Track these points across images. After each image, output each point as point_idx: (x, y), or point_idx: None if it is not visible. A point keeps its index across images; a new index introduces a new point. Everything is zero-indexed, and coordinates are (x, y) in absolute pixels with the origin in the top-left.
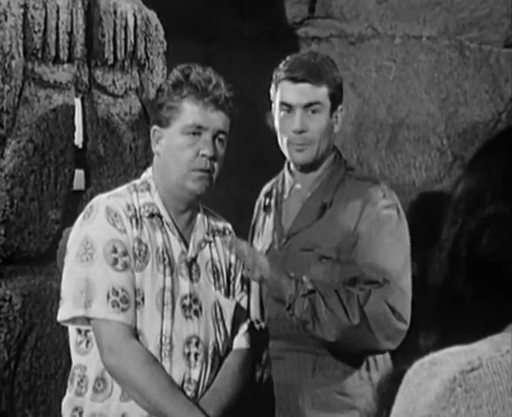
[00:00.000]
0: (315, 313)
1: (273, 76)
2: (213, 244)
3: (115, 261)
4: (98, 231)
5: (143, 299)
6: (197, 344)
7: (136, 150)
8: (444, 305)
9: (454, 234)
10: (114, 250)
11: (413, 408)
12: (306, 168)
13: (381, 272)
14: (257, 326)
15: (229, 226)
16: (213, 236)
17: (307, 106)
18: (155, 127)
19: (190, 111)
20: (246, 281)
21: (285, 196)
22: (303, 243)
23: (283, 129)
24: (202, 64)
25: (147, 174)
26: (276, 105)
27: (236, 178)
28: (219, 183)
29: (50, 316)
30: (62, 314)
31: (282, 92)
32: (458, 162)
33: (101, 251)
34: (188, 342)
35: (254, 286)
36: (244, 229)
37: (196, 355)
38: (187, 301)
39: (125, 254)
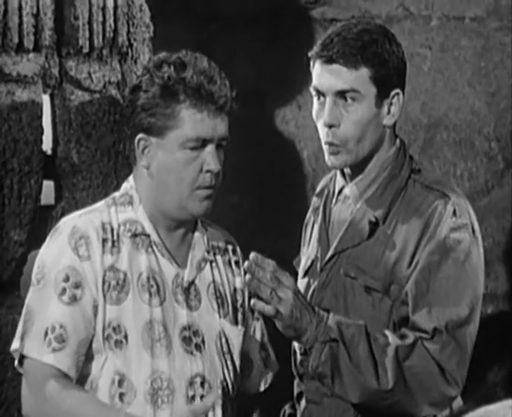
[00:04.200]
0: (336, 366)
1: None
2: (214, 264)
3: (63, 291)
4: (55, 255)
5: (126, 336)
6: (202, 384)
7: (117, 157)
8: None
9: None
10: (66, 279)
11: None
12: (350, 171)
13: (435, 319)
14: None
15: (232, 240)
16: (214, 254)
17: (340, 93)
18: (142, 135)
19: (192, 121)
20: None
21: (334, 201)
22: (348, 267)
23: (317, 121)
24: (197, 51)
25: (129, 184)
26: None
27: (237, 188)
28: (217, 195)
29: (13, 357)
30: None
31: (315, 74)
32: (511, 169)
33: (51, 278)
34: (192, 383)
35: None
36: (246, 248)
37: (202, 398)
38: (186, 334)
39: (77, 286)
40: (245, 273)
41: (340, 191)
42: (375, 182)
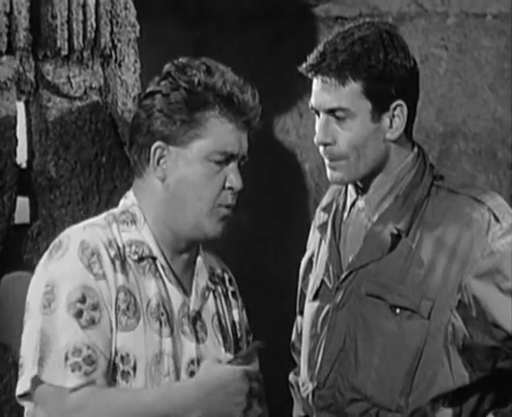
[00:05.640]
0: None
1: None
2: (216, 293)
3: (79, 313)
4: (65, 272)
5: (135, 368)
6: None
7: (99, 171)
8: None
9: None
10: (82, 300)
11: None
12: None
13: None
14: (303, 390)
15: (229, 271)
16: (215, 283)
17: (330, 111)
18: (159, 143)
19: (220, 131)
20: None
21: (346, 215)
22: (370, 286)
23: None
24: (188, 54)
25: (129, 200)
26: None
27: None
28: None
29: None
30: (21, 386)
31: (312, 89)
32: None
33: (64, 298)
34: None
35: (304, 340)
36: (243, 270)
37: None
38: (194, 368)
39: (95, 307)
40: (241, 307)
41: (353, 204)
42: (391, 193)
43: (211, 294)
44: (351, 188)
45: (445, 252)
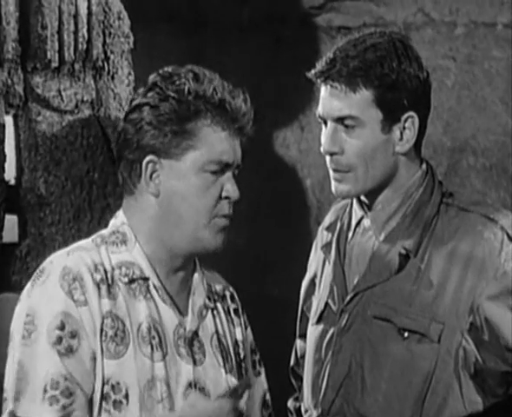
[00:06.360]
0: None
1: None
2: (215, 312)
3: (58, 340)
4: (46, 301)
5: (127, 396)
6: None
7: (91, 188)
8: None
9: None
10: (61, 327)
11: None
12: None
13: None
14: None
15: (230, 288)
16: (215, 301)
17: (339, 119)
18: (151, 157)
19: (213, 141)
20: (260, 361)
21: (350, 234)
22: (376, 308)
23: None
24: (184, 65)
25: (119, 220)
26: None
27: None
28: None
29: None
30: None
31: (320, 97)
32: None
33: (44, 328)
34: None
35: (308, 365)
36: (241, 293)
37: None
38: (191, 392)
39: (73, 335)
40: (245, 325)
41: (358, 223)
42: (399, 210)
43: (209, 312)
44: (356, 206)
45: (456, 273)
